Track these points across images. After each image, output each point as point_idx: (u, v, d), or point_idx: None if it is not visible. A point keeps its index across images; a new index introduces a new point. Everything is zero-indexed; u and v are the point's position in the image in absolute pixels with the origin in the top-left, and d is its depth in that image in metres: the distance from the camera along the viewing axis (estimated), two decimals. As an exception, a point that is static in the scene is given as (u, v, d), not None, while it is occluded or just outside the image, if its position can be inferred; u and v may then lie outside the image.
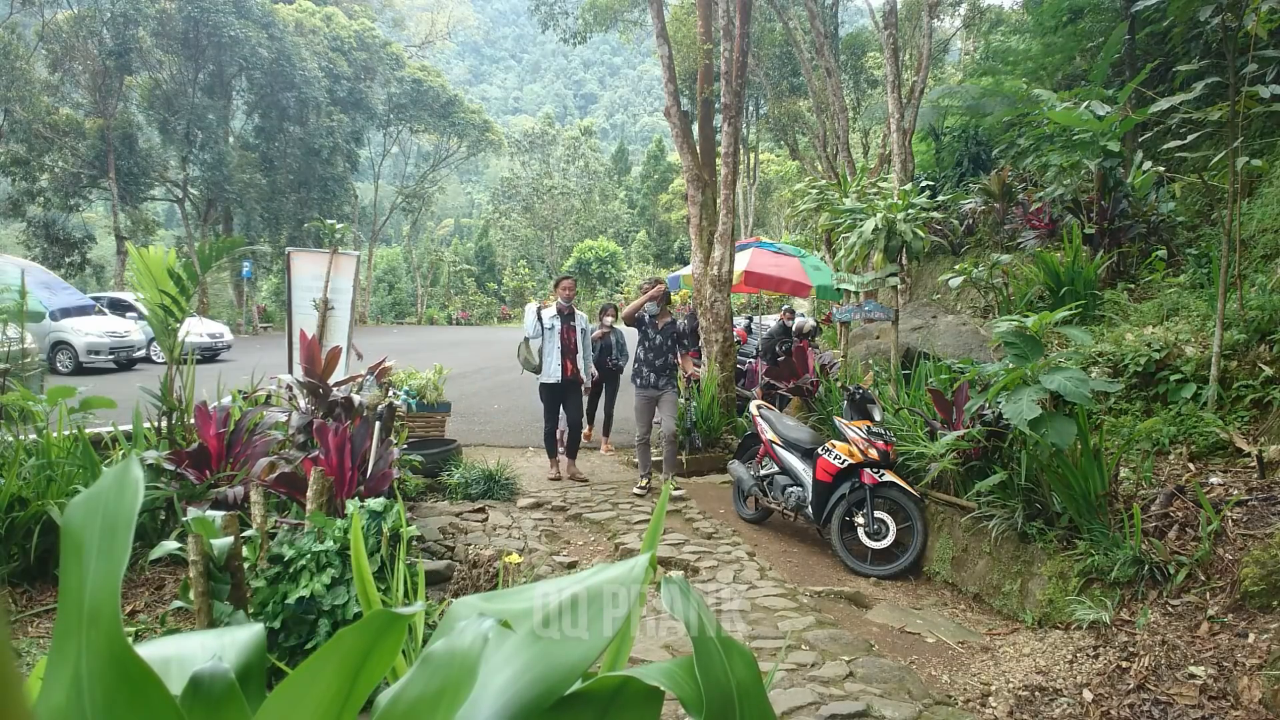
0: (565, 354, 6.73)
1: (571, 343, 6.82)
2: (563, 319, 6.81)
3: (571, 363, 6.78)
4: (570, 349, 6.79)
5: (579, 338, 6.88)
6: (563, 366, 6.71)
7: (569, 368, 6.75)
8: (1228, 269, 4.56)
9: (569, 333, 6.83)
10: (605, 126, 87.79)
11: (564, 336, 6.77)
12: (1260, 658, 2.82)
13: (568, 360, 6.75)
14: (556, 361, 6.70)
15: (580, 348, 6.87)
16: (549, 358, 6.73)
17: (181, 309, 4.60)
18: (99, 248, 29.43)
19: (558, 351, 6.72)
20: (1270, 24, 4.37)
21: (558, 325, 6.75)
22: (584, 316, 7.10)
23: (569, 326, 6.83)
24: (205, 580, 2.45)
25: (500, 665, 0.66)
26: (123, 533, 0.65)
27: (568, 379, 6.76)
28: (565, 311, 6.88)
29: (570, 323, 6.86)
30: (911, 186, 7.48)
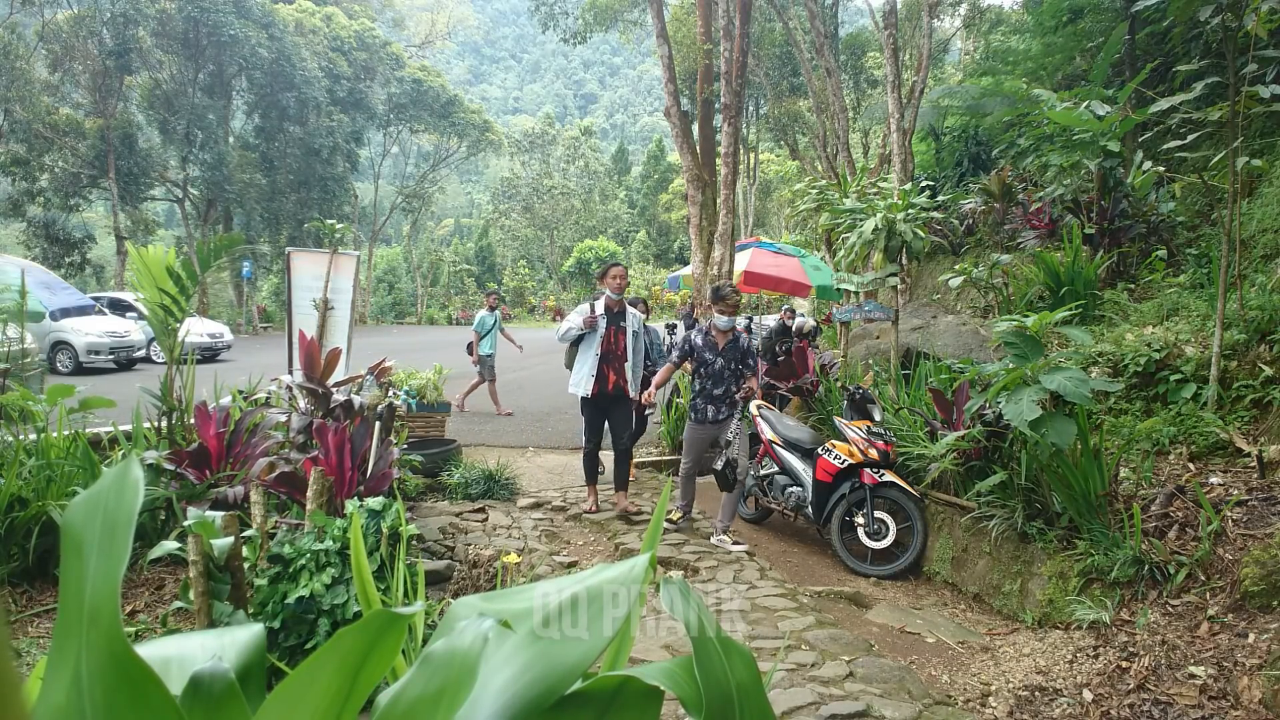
0: (606, 360, 5.60)
1: (617, 347, 5.66)
2: (610, 316, 5.67)
3: (614, 372, 5.62)
4: (614, 355, 5.64)
5: (629, 341, 5.71)
6: (600, 376, 5.58)
7: (610, 378, 5.61)
8: (1228, 269, 4.56)
9: (616, 335, 5.68)
10: (605, 126, 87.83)
11: (608, 339, 5.63)
12: (1260, 658, 2.82)
13: (609, 369, 5.61)
14: (590, 369, 5.59)
15: (630, 354, 5.72)
16: (581, 364, 5.66)
17: (181, 309, 4.60)
18: (99, 248, 29.45)
19: (594, 358, 5.58)
20: (1270, 24, 4.37)
21: (601, 325, 5.64)
22: (638, 317, 5.92)
23: (617, 327, 5.70)
24: (205, 580, 2.45)
25: (500, 665, 0.66)
26: (123, 533, 0.65)
27: (608, 393, 5.62)
28: (614, 308, 5.70)
29: (619, 323, 5.71)
30: (911, 186, 7.48)
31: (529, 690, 0.64)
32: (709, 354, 5.25)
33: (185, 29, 26.34)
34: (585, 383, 5.60)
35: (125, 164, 25.67)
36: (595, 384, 5.58)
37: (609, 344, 5.65)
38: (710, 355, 5.25)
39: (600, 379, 5.60)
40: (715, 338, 5.28)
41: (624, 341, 5.70)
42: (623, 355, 5.69)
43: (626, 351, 5.70)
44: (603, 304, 5.70)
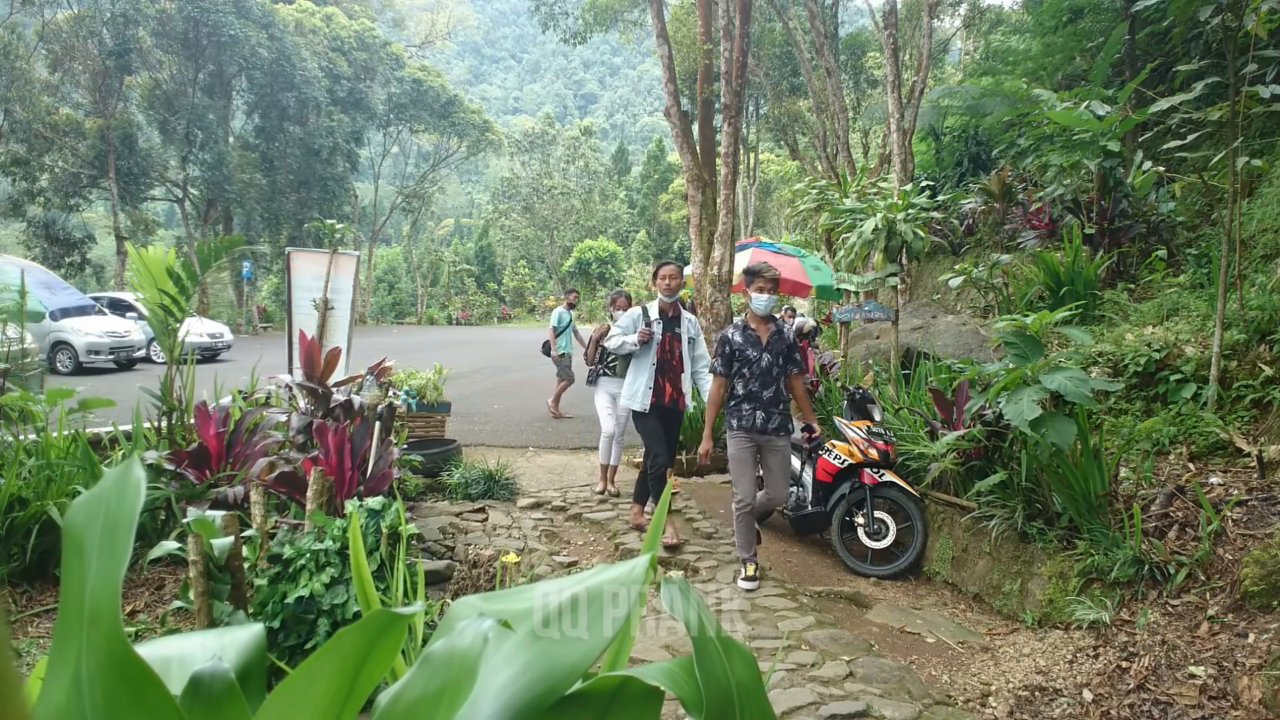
0: (664, 372, 5.14)
1: (673, 356, 5.17)
2: (664, 321, 5.19)
3: (670, 383, 5.15)
4: (669, 365, 5.16)
5: (684, 349, 5.19)
6: (657, 388, 5.10)
7: (667, 390, 5.13)
8: (1228, 269, 4.57)
9: (671, 343, 5.18)
10: (605, 126, 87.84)
11: (663, 347, 5.16)
12: (1260, 658, 2.82)
13: (665, 380, 5.13)
14: (646, 381, 5.10)
15: (686, 363, 5.19)
16: (636, 375, 5.18)
17: (181, 309, 4.60)
18: (99, 248, 29.46)
19: (650, 368, 5.10)
20: (1270, 24, 4.37)
21: (656, 332, 5.15)
22: (694, 322, 5.36)
23: (673, 334, 5.19)
24: (205, 580, 2.45)
25: (500, 665, 0.66)
26: (124, 533, 0.65)
27: (664, 405, 5.12)
28: (668, 312, 5.22)
29: (674, 329, 5.19)
30: (911, 186, 7.48)
31: (529, 690, 0.64)
32: (752, 350, 4.48)
33: (185, 29, 26.34)
34: (642, 396, 5.07)
35: (125, 164, 25.67)
36: (655, 396, 5.09)
37: (664, 352, 5.14)
38: (754, 352, 4.48)
39: (657, 391, 5.11)
40: (756, 330, 4.51)
41: (679, 349, 5.18)
42: (679, 365, 5.17)
43: (683, 360, 5.18)
44: (656, 308, 5.21)
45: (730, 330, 4.60)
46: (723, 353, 4.55)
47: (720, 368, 4.56)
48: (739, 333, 4.55)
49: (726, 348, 4.54)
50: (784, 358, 4.53)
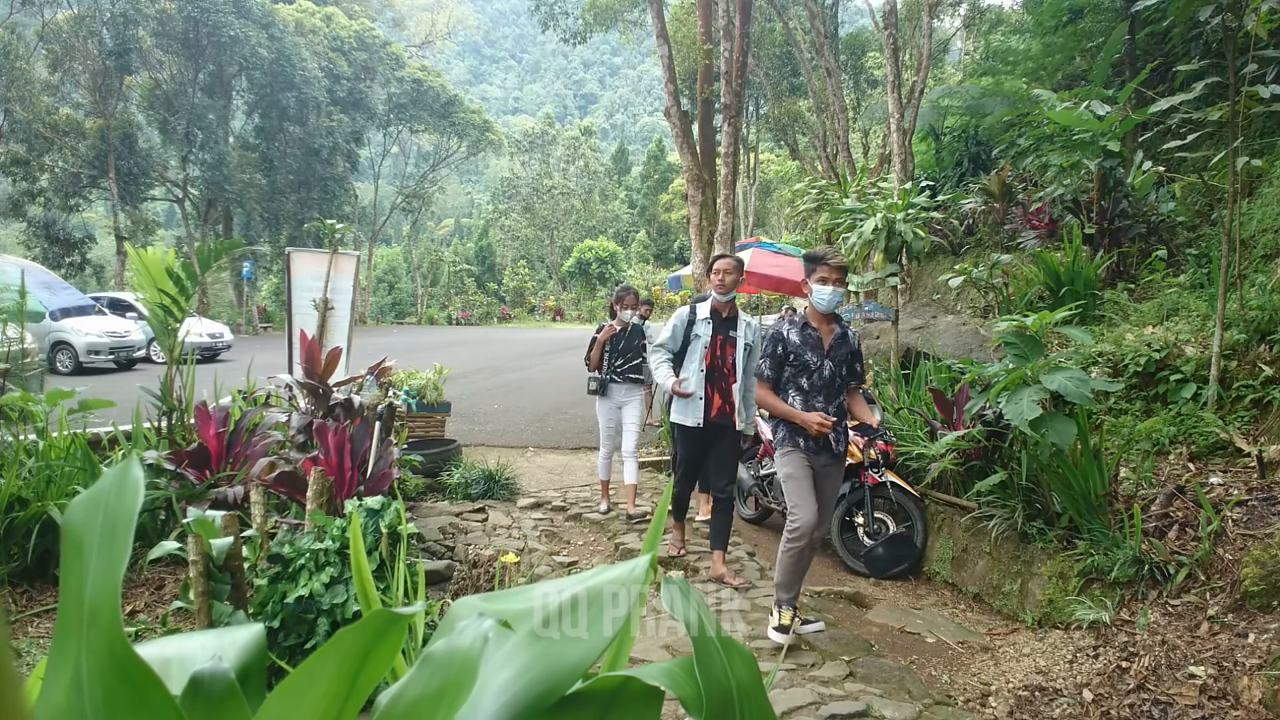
0: (711, 379, 4.42)
1: (724, 363, 4.43)
2: (716, 322, 4.46)
3: (720, 394, 4.41)
4: (720, 372, 4.42)
5: (739, 355, 4.42)
6: (707, 400, 4.42)
7: (715, 402, 4.41)
8: (1228, 269, 4.57)
9: (724, 347, 4.43)
10: (605, 126, 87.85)
11: (714, 352, 4.42)
12: (1260, 658, 2.82)
13: (714, 390, 4.41)
14: (696, 382, 4.41)
15: (739, 372, 4.42)
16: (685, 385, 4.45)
17: (181, 309, 4.60)
18: (99, 248, 29.46)
19: (699, 375, 4.41)
20: (1270, 24, 4.37)
21: (705, 334, 4.43)
22: (753, 326, 4.58)
23: (726, 337, 4.44)
24: (205, 580, 2.45)
25: (500, 665, 0.66)
26: (123, 533, 0.65)
27: (711, 420, 4.41)
28: (723, 313, 4.47)
29: (729, 332, 4.44)
30: (911, 186, 7.48)
31: (529, 690, 0.64)
32: (811, 354, 3.62)
33: (185, 29, 26.34)
34: (693, 408, 4.39)
35: (125, 164, 25.68)
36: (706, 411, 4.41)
37: (715, 357, 4.41)
38: (813, 356, 3.62)
39: (706, 404, 4.39)
40: (818, 329, 3.67)
41: (733, 355, 4.41)
42: (731, 373, 4.41)
43: (735, 369, 4.41)
44: (708, 307, 4.50)
45: (785, 326, 3.72)
46: (773, 353, 3.68)
47: (769, 372, 3.69)
48: (796, 331, 3.67)
49: (779, 347, 3.67)
50: (847, 367, 3.73)
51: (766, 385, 3.74)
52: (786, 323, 3.79)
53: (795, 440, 3.66)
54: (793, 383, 3.68)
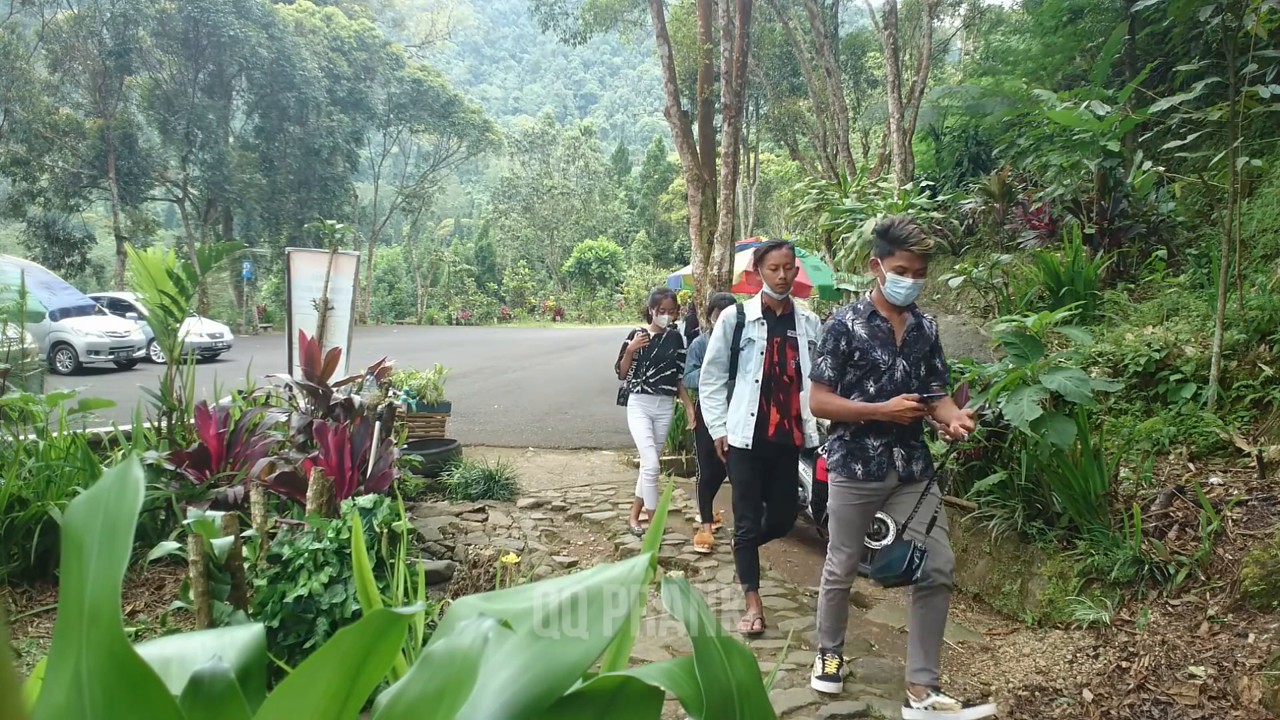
0: (770, 391, 3.72)
1: (783, 369, 3.75)
2: (771, 322, 3.77)
3: (778, 408, 3.73)
4: (778, 381, 3.74)
5: (802, 357, 3.76)
6: (760, 415, 3.70)
7: (773, 417, 3.72)
8: (1228, 269, 4.57)
9: (782, 351, 3.75)
10: (605, 126, 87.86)
11: (770, 356, 3.73)
12: (1260, 658, 2.82)
13: (770, 404, 3.71)
14: (749, 405, 3.70)
15: (799, 380, 3.75)
16: (738, 398, 3.78)
17: (181, 309, 4.61)
18: (99, 248, 29.47)
19: (752, 386, 3.71)
20: (1270, 24, 4.37)
21: (759, 338, 3.73)
22: (815, 321, 3.89)
23: (784, 339, 3.76)
24: (205, 580, 2.45)
25: (500, 665, 0.66)
26: (123, 533, 0.65)
27: (768, 440, 3.72)
28: (778, 311, 3.80)
29: (786, 333, 3.77)
30: (911, 186, 7.49)
31: (529, 690, 0.64)
32: (881, 351, 2.97)
33: (185, 29, 26.35)
34: (744, 426, 3.69)
35: (125, 164, 25.69)
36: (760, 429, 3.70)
37: (772, 364, 3.73)
38: (884, 354, 2.97)
39: (758, 418, 3.70)
40: (888, 320, 3.00)
41: (794, 360, 3.76)
42: (792, 382, 3.75)
43: (799, 374, 3.75)
44: (758, 305, 3.79)
45: (848, 316, 3.04)
46: (833, 349, 3.01)
47: (830, 373, 3.02)
48: (862, 323, 3.00)
49: (842, 342, 2.99)
50: (925, 366, 3.04)
51: (827, 388, 3.03)
52: (850, 311, 3.07)
53: (851, 467, 2.98)
54: (857, 388, 2.99)
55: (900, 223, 2.90)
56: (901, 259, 2.89)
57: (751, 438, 3.69)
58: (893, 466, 2.99)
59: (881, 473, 2.98)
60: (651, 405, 5.25)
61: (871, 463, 2.98)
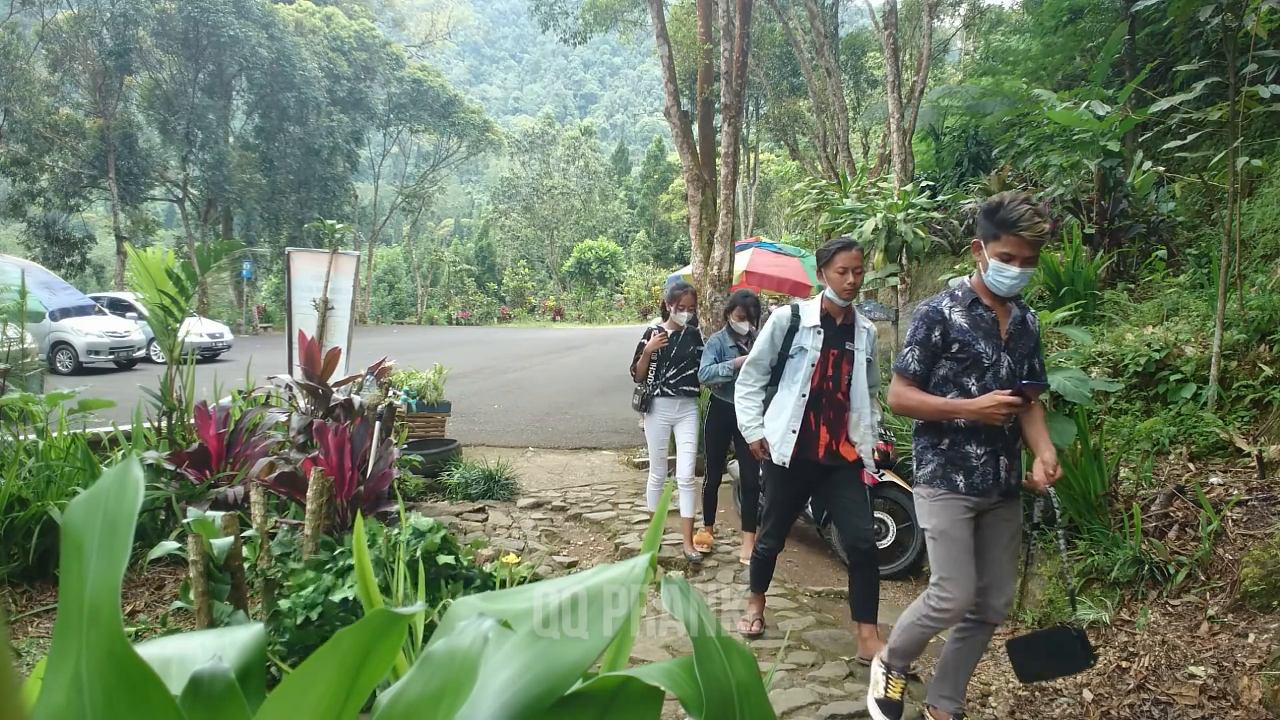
0: (819, 408, 3.39)
1: (837, 384, 3.42)
2: (829, 332, 3.41)
3: (828, 426, 3.39)
4: (832, 397, 3.40)
5: (858, 375, 3.44)
6: (804, 433, 3.37)
7: (821, 435, 3.38)
8: (1228, 269, 4.56)
9: (837, 363, 3.41)
10: (605, 126, 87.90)
11: (822, 369, 3.39)
12: (1260, 658, 2.82)
13: (819, 420, 3.39)
14: (791, 418, 3.37)
15: (855, 390, 3.44)
16: (778, 408, 3.45)
17: (181, 309, 4.61)
18: (99, 248, 29.49)
19: (797, 400, 3.37)
20: (1270, 24, 4.37)
21: (813, 347, 3.38)
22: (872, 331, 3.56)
23: (841, 351, 3.42)
24: (205, 580, 2.45)
25: (500, 665, 0.66)
26: (123, 533, 0.65)
27: (814, 460, 3.39)
28: (838, 319, 3.44)
29: (846, 343, 3.42)
30: (911, 186, 7.48)
31: (529, 690, 0.64)
32: (985, 344, 2.60)
33: (185, 29, 26.36)
34: (784, 442, 3.36)
35: (125, 164, 25.70)
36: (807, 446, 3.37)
37: (825, 377, 3.38)
38: (988, 347, 2.60)
39: (803, 436, 3.35)
40: (992, 310, 2.63)
41: (848, 375, 3.42)
42: (844, 398, 3.41)
43: (851, 392, 3.42)
44: (816, 311, 3.42)
45: (944, 303, 2.67)
46: (924, 340, 2.64)
47: (916, 366, 2.66)
48: (961, 311, 2.63)
49: (935, 332, 2.63)
50: (1028, 366, 2.69)
51: (909, 382, 2.67)
52: (946, 297, 2.70)
53: (951, 478, 2.61)
54: (955, 385, 2.62)
55: (1011, 202, 2.49)
56: (1009, 244, 2.49)
57: (790, 456, 3.34)
58: (997, 479, 2.61)
59: (986, 485, 2.60)
60: (672, 409, 4.89)
61: (975, 473, 2.60)
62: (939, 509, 2.64)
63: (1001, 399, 2.46)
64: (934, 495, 2.66)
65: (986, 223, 2.57)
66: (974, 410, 2.52)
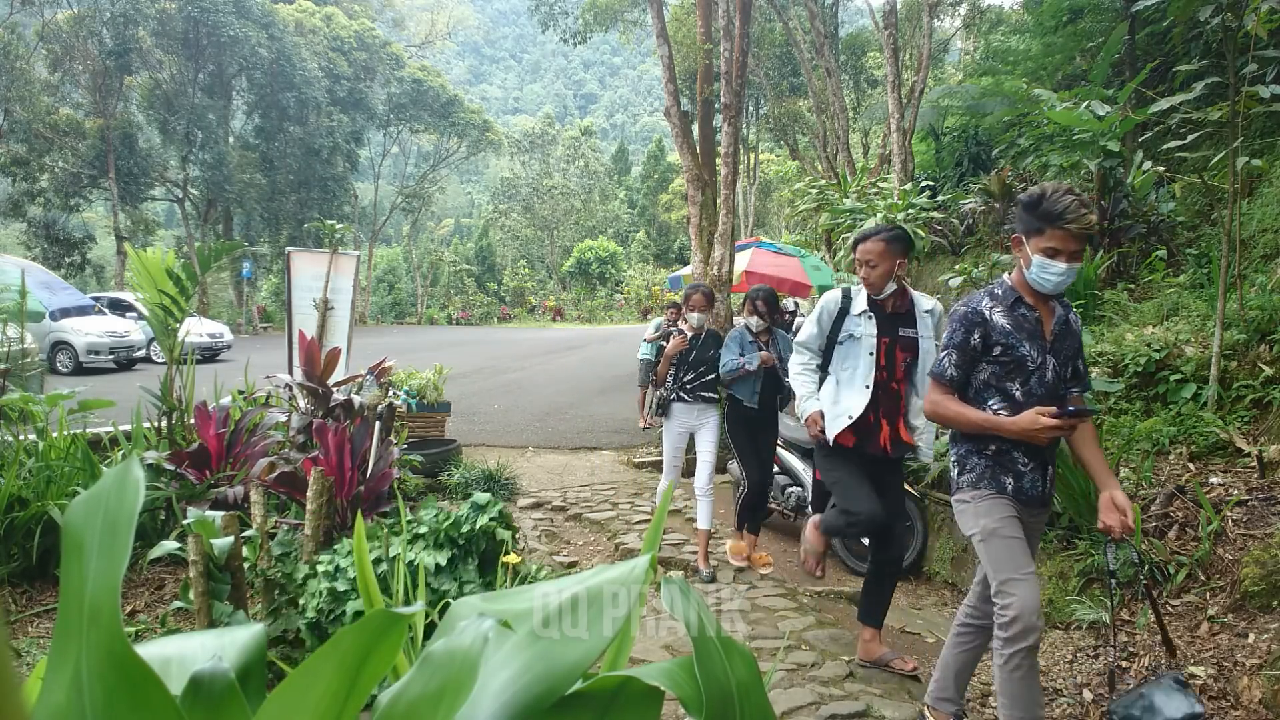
0: (875, 403, 3.22)
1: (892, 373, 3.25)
2: (880, 318, 3.26)
3: (887, 417, 3.26)
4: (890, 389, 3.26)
5: (920, 361, 3.24)
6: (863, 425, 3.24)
7: (882, 428, 3.26)
8: (1228, 269, 4.57)
9: (891, 351, 3.24)
10: (605, 126, 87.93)
11: (878, 360, 3.23)
12: (1260, 658, 2.82)
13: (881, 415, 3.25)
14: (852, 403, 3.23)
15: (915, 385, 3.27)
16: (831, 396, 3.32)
17: (181, 309, 4.61)
18: (99, 248, 29.50)
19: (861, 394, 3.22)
20: (1270, 24, 4.37)
21: (866, 335, 3.24)
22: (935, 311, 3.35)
23: (895, 339, 3.24)
24: (205, 580, 2.45)
25: (500, 665, 0.66)
26: (123, 533, 0.65)
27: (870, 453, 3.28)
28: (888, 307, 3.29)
29: (901, 329, 3.25)
30: (911, 186, 7.48)
31: (529, 690, 0.64)
32: (1029, 346, 2.44)
33: (185, 29, 26.36)
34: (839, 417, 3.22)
35: (125, 164, 25.70)
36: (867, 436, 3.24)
37: (879, 368, 3.21)
38: (1032, 349, 2.44)
39: (861, 425, 3.21)
40: (1035, 309, 2.48)
41: (903, 363, 3.24)
42: (901, 388, 3.26)
43: (909, 381, 3.27)
44: (864, 298, 3.27)
45: (984, 303, 2.50)
46: (961, 343, 2.48)
47: (953, 371, 2.50)
48: (1003, 311, 2.47)
49: (974, 335, 2.46)
50: (1072, 369, 2.55)
51: (946, 389, 2.52)
52: (985, 297, 2.52)
53: (1000, 480, 2.46)
54: (995, 389, 2.47)
55: (1054, 193, 2.32)
56: (1053, 239, 2.33)
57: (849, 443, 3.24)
58: (1043, 489, 2.51)
59: (1034, 493, 2.48)
60: (690, 414, 4.70)
61: (1024, 478, 2.46)
62: (986, 507, 2.46)
63: (1047, 424, 2.30)
64: (980, 496, 2.48)
65: (1028, 216, 2.41)
66: (1016, 431, 2.37)
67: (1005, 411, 2.44)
